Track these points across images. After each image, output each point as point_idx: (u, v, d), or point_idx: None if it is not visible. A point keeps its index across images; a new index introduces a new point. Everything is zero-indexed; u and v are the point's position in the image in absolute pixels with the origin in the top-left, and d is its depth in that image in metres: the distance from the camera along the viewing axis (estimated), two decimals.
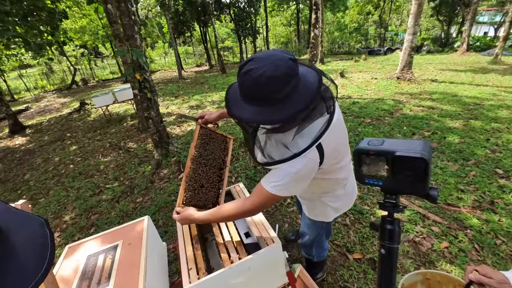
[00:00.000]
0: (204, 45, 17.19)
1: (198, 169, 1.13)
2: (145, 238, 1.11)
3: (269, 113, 0.69)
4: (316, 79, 0.71)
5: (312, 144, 0.76)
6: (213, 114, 1.26)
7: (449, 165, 2.83)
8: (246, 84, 0.69)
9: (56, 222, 2.73)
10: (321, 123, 0.78)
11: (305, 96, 0.69)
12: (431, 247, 1.85)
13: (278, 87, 0.66)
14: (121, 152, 4.27)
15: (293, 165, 0.78)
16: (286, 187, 0.81)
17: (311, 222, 1.19)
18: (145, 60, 2.82)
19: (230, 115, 0.78)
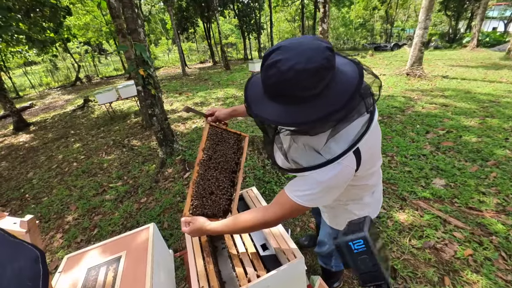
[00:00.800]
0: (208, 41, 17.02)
1: (207, 174, 1.02)
2: (151, 248, 1.01)
3: (298, 113, 0.57)
4: (356, 73, 0.59)
5: (349, 149, 0.64)
6: (224, 111, 1.14)
7: (467, 165, 2.68)
8: (272, 79, 0.57)
9: (58, 222, 2.66)
10: (360, 124, 0.66)
11: (342, 94, 0.57)
12: (454, 255, 1.73)
13: (311, 83, 0.54)
14: (124, 150, 4.19)
15: (325, 173, 0.66)
16: (315, 197, 0.70)
17: (333, 232, 1.07)
18: (148, 55, 2.71)
19: (251, 114, 0.66)
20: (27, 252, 0.34)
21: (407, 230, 1.93)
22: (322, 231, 1.16)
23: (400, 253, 1.75)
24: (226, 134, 1.14)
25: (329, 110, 0.55)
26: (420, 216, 2.05)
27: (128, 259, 0.98)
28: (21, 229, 0.67)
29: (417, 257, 1.72)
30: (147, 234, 1.09)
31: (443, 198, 2.22)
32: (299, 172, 0.71)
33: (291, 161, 0.72)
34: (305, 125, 0.58)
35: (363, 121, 0.66)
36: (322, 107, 0.56)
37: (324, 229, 1.12)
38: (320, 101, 0.56)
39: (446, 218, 1.99)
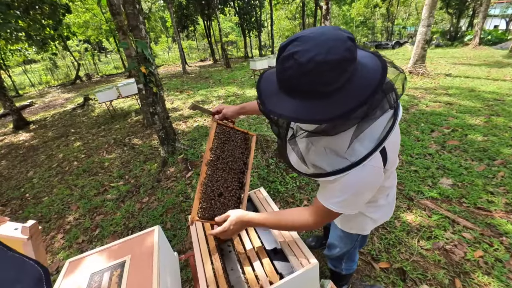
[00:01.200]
0: (208, 39, 16.92)
1: (215, 175, 0.97)
2: (157, 253, 0.97)
3: (318, 108, 0.53)
4: (379, 66, 0.55)
5: (375, 148, 0.60)
6: (232, 109, 1.09)
7: (474, 165, 2.64)
8: (289, 72, 0.52)
9: (59, 222, 2.62)
10: (384, 121, 0.62)
11: (365, 88, 0.52)
12: (464, 256, 1.69)
13: (332, 76, 0.50)
14: (125, 149, 4.14)
15: (353, 177, 0.63)
16: (348, 203, 0.67)
17: (344, 235, 1.03)
18: (150, 52, 2.66)
19: (264, 112, 0.62)
20: (30, 270, 0.30)
21: (415, 231, 1.89)
22: (332, 233, 1.12)
23: (409, 254, 1.72)
24: (234, 132, 1.10)
25: (351, 106, 0.51)
26: (428, 217, 2.01)
27: (133, 263, 0.94)
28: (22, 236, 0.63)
29: (426, 258, 1.69)
30: (152, 237, 1.04)
31: (451, 198, 2.18)
32: (323, 177, 0.66)
33: (311, 165, 0.68)
34: (325, 122, 0.54)
35: (387, 117, 0.62)
36: (344, 102, 0.52)
37: (335, 232, 1.08)
38: (341, 96, 0.52)
39: (455, 219, 1.96)
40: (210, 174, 0.95)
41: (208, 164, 0.96)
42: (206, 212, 0.90)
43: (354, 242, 1.05)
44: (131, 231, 2.28)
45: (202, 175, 0.93)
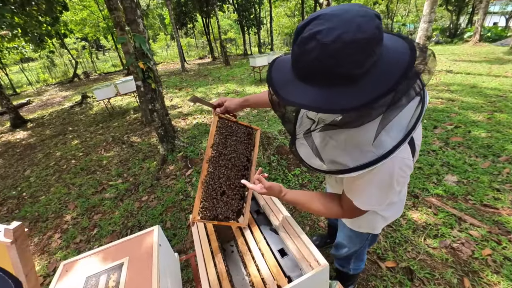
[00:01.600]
0: (207, 36, 16.79)
1: (217, 172, 0.92)
2: (156, 254, 0.91)
3: (340, 96, 0.48)
4: (406, 48, 0.50)
5: (404, 138, 0.55)
6: (235, 101, 1.02)
7: (479, 161, 2.60)
8: (311, 56, 0.46)
9: (57, 222, 2.57)
10: (411, 109, 0.57)
11: (392, 73, 0.47)
12: (471, 254, 1.65)
13: (360, 59, 0.45)
14: (124, 147, 4.08)
15: (382, 171, 0.58)
16: (379, 200, 0.64)
17: (353, 234, 0.98)
18: (148, 47, 2.59)
19: (281, 102, 0.57)
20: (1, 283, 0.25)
21: (421, 229, 1.85)
22: (340, 233, 1.07)
23: (416, 253, 1.67)
24: (236, 127, 1.04)
25: (380, 92, 0.46)
26: (434, 214, 1.97)
27: (131, 266, 0.89)
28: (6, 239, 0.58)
29: (433, 257, 1.64)
30: (151, 238, 0.99)
31: (457, 195, 2.14)
32: (345, 174, 0.61)
33: (329, 161, 0.62)
34: (350, 112, 0.48)
35: (414, 104, 0.57)
36: (371, 89, 0.46)
37: (343, 231, 1.03)
38: (368, 82, 0.46)
39: (461, 216, 1.91)
40: (211, 171, 0.90)
41: (209, 161, 0.90)
42: (208, 212, 0.85)
43: (363, 242, 1.01)
44: (130, 231, 2.23)
45: (203, 173, 0.88)
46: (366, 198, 0.66)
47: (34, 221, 2.66)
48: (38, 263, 2.12)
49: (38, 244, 2.34)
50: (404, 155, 0.58)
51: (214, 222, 0.87)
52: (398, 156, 0.57)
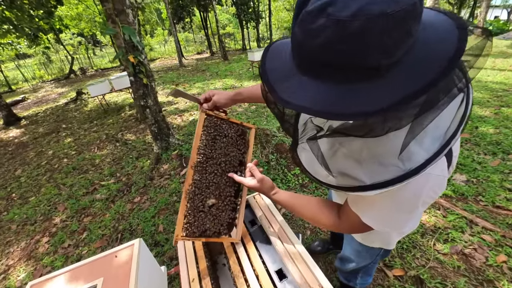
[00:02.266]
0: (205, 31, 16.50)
1: (204, 180, 0.79)
2: (134, 274, 0.79)
3: (361, 95, 0.34)
4: (453, 29, 0.35)
5: (441, 150, 0.42)
6: (224, 95, 0.87)
7: (488, 159, 2.47)
8: (319, 39, 0.32)
9: (45, 225, 2.45)
10: (452, 111, 0.43)
11: (434, 61, 0.33)
12: (485, 261, 1.53)
13: (394, 42, 0.31)
14: (118, 145, 3.95)
15: (408, 191, 0.45)
16: (396, 224, 0.52)
17: (363, 249, 0.86)
18: (139, 39, 2.43)
19: (277, 101, 0.42)
20: None
21: (430, 233, 1.73)
22: (347, 246, 0.94)
23: (425, 260, 1.56)
24: (227, 125, 0.89)
25: (414, 89, 0.32)
26: (443, 217, 1.85)
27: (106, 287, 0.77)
28: None
29: (444, 264, 1.53)
30: (131, 254, 0.87)
31: (466, 196, 2.01)
32: (359, 192, 0.48)
33: (338, 173, 0.49)
34: (374, 116, 0.34)
35: (455, 104, 0.43)
36: (401, 84, 0.32)
37: (351, 245, 0.90)
38: (397, 74, 0.33)
39: (473, 219, 1.79)
40: (198, 179, 0.76)
41: (195, 167, 0.77)
42: (194, 227, 0.72)
43: (374, 257, 0.88)
44: (120, 235, 2.12)
45: (188, 182, 0.74)
46: (379, 217, 0.53)
47: (22, 224, 2.54)
48: (24, 270, 2.00)
49: (25, 249, 2.22)
50: (439, 172, 0.45)
51: (201, 239, 0.74)
52: (432, 172, 0.44)
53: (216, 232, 0.77)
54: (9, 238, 2.38)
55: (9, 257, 2.16)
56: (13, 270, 2.01)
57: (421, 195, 0.46)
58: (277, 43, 0.47)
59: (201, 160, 0.78)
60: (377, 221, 0.53)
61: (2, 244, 2.33)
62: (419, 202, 0.47)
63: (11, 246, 2.28)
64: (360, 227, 0.56)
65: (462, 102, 0.43)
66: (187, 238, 0.71)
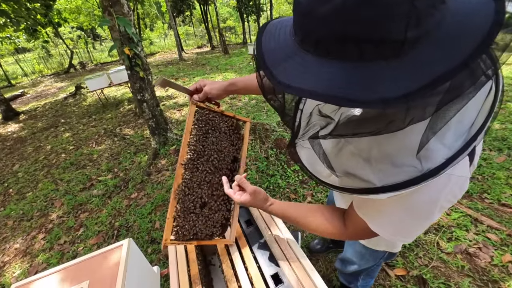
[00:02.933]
0: (205, 24, 16.28)
1: (195, 179, 0.73)
2: (122, 277, 0.74)
3: (377, 78, 0.28)
4: (490, 3, 0.28)
5: (465, 147, 0.36)
6: (217, 86, 0.79)
7: (493, 155, 2.40)
8: (329, 4, 0.26)
9: (41, 221, 2.42)
10: (478, 102, 0.36)
11: (466, 38, 0.27)
12: (490, 261, 1.48)
13: (426, 6, 0.26)
14: (116, 140, 3.90)
15: (421, 193, 0.40)
16: (408, 232, 0.46)
17: (367, 252, 0.81)
18: (134, 31, 2.36)
19: (274, 84, 0.36)
20: None
21: (434, 231, 1.68)
22: (349, 248, 0.89)
23: (428, 259, 1.51)
24: (220, 119, 0.82)
25: (442, 70, 0.26)
26: (447, 215, 1.79)
27: None
28: None
29: (448, 264, 1.48)
30: (119, 255, 0.82)
31: (471, 193, 1.96)
32: (367, 195, 0.42)
33: (343, 172, 0.43)
34: (391, 105, 0.28)
35: (483, 94, 0.37)
36: (428, 65, 0.27)
37: (353, 247, 0.85)
38: (424, 52, 0.27)
39: (478, 217, 1.74)
40: (188, 178, 0.71)
41: (185, 165, 0.71)
42: (184, 230, 0.67)
43: (378, 260, 0.83)
44: (116, 231, 2.08)
45: (177, 180, 0.69)
46: (390, 224, 0.47)
47: (19, 220, 2.51)
48: (19, 267, 1.98)
49: (21, 245, 2.20)
50: (461, 172, 0.39)
51: (193, 242, 0.69)
52: (453, 173, 0.38)
53: (209, 234, 0.72)
54: (5, 234, 2.35)
55: (5, 254, 2.13)
56: (8, 267, 1.99)
57: (438, 199, 0.40)
58: (273, 22, 0.41)
59: (192, 157, 0.73)
60: (387, 229, 0.47)
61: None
62: (436, 208, 0.41)
63: (7, 242, 2.25)
64: (368, 234, 0.51)
65: (490, 91, 0.36)
66: (177, 242, 0.66)
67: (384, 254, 0.80)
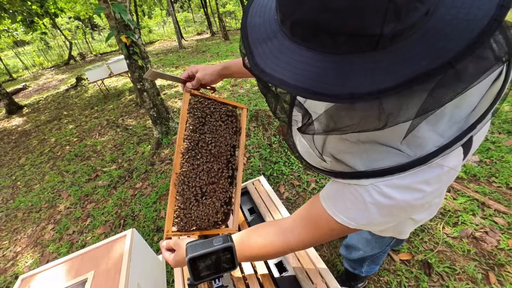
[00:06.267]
0: (204, 10, 15.83)
1: (194, 169, 0.71)
2: (126, 267, 0.74)
3: (353, 71, 0.25)
4: None
5: (460, 137, 0.33)
6: (210, 70, 0.75)
7: (502, 138, 2.34)
8: None
9: (50, 212, 2.47)
10: (482, 87, 0.33)
11: (451, 39, 0.24)
12: (497, 245, 1.47)
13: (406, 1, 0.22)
14: (119, 131, 3.90)
15: (406, 184, 0.36)
16: (394, 226, 0.44)
17: (373, 238, 0.79)
18: (130, 18, 2.28)
19: (252, 69, 0.32)
20: None
21: (440, 216, 1.66)
22: (354, 234, 0.88)
23: (434, 244, 1.50)
24: (215, 105, 0.79)
25: (423, 69, 0.24)
26: (453, 199, 1.77)
27: (95, 283, 0.73)
28: None
29: (453, 248, 1.47)
30: (123, 246, 0.82)
31: (479, 177, 1.92)
32: (350, 179, 0.40)
33: (331, 157, 0.41)
34: (359, 100, 0.26)
35: (487, 81, 0.32)
36: (405, 63, 0.24)
37: (359, 232, 0.84)
38: (405, 48, 0.24)
39: (485, 201, 1.71)
40: (186, 167, 0.69)
41: (182, 154, 0.69)
42: (186, 220, 0.66)
43: (385, 247, 0.81)
44: (123, 220, 2.11)
45: (175, 170, 0.67)
46: (360, 217, 0.41)
47: (28, 212, 2.56)
48: (31, 256, 2.04)
49: (31, 236, 2.25)
50: (452, 164, 0.36)
51: (195, 232, 0.68)
52: (442, 164, 0.35)
53: (211, 223, 0.71)
54: (16, 226, 2.41)
55: (16, 244, 2.19)
56: (21, 257, 2.05)
57: (425, 195, 0.37)
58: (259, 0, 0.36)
59: (189, 145, 0.70)
60: (365, 226, 0.42)
61: (10, 231, 2.37)
62: (423, 203, 0.38)
63: (18, 234, 2.31)
64: (334, 231, 0.45)
65: (500, 76, 0.33)
66: (179, 233, 0.65)
67: (391, 241, 0.78)
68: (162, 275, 1.01)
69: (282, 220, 0.55)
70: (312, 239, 0.49)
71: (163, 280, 1.01)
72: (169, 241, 0.61)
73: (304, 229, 0.49)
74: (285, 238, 0.51)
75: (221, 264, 0.47)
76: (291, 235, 0.50)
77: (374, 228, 0.51)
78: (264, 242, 0.53)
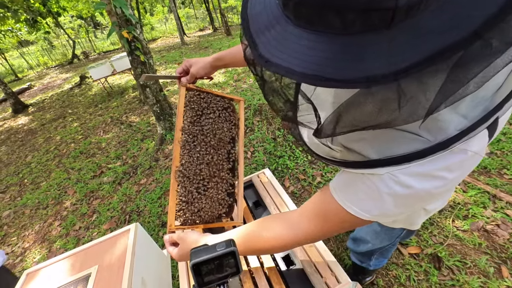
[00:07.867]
0: (206, 5, 15.71)
1: (194, 161, 0.69)
2: (129, 262, 0.73)
3: (365, 52, 0.22)
4: None
5: (485, 118, 0.30)
6: (202, 63, 0.76)
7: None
8: None
9: (56, 208, 2.49)
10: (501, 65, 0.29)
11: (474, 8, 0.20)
12: (509, 238, 1.43)
13: None
14: (123, 127, 3.91)
15: (428, 169, 0.33)
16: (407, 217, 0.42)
17: (382, 230, 0.77)
18: (131, 12, 2.26)
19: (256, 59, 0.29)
20: None
21: (449, 209, 1.62)
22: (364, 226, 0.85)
23: (443, 237, 1.47)
24: (212, 98, 0.77)
25: (447, 43, 0.20)
26: (463, 192, 1.72)
27: (99, 278, 0.72)
28: None
29: (464, 241, 1.44)
30: (126, 240, 0.81)
31: (490, 169, 1.87)
32: (363, 168, 0.37)
33: (341, 146, 0.38)
34: (377, 84, 0.22)
35: (507, 57, 0.29)
36: (424, 38, 0.21)
37: (369, 225, 0.81)
38: (417, 24, 0.21)
39: (496, 193, 1.66)
40: (187, 160, 0.67)
41: (182, 148, 0.67)
42: (189, 213, 0.64)
43: (394, 239, 0.79)
44: (128, 216, 2.12)
45: (175, 164, 0.65)
46: (374, 207, 0.39)
47: (35, 209, 2.59)
48: (38, 252, 2.06)
49: (39, 232, 2.28)
50: (476, 148, 0.33)
51: (199, 226, 0.67)
52: (466, 148, 0.32)
53: (215, 216, 0.69)
54: (23, 222, 2.44)
55: (24, 240, 2.22)
56: (29, 253, 2.08)
57: (446, 182, 0.34)
58: None
59: (188, 138, 0.69)
60: (380, 217, 0.40)
61: (18, 228, 2.40)
62: (444, 190, 0.36)
63: (26, 230, 2.34)
64: (346, 223, 0.43)
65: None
66: (182, 227, 0.64)
67: (401, 233, 0.76)
68: (167, 270, 1.00)
69: (289, 213, 0.53)
70: (321, 232, 0.47)
71: (168, 275, 1.00)
72: (173, 235, 0.59)
73: (313, 222, 0.47)
74: (293, 231, 0.49)
75: (224, 268, 0.46)
76: (298, 229, 0.48)
77: (386, 220, 0.49)
78: (271, 236, 0.51)
